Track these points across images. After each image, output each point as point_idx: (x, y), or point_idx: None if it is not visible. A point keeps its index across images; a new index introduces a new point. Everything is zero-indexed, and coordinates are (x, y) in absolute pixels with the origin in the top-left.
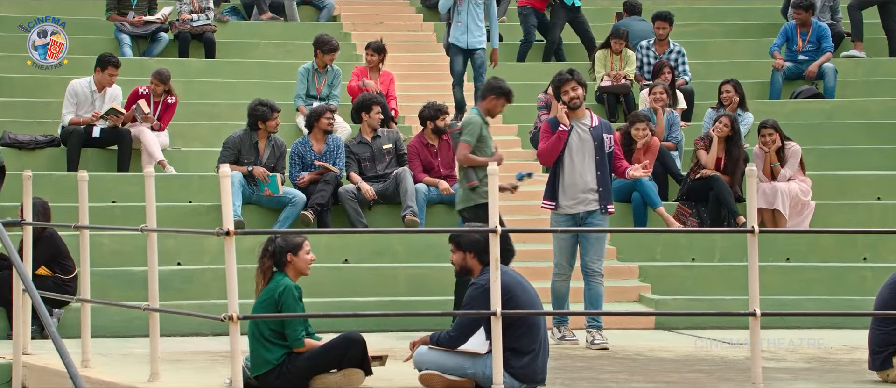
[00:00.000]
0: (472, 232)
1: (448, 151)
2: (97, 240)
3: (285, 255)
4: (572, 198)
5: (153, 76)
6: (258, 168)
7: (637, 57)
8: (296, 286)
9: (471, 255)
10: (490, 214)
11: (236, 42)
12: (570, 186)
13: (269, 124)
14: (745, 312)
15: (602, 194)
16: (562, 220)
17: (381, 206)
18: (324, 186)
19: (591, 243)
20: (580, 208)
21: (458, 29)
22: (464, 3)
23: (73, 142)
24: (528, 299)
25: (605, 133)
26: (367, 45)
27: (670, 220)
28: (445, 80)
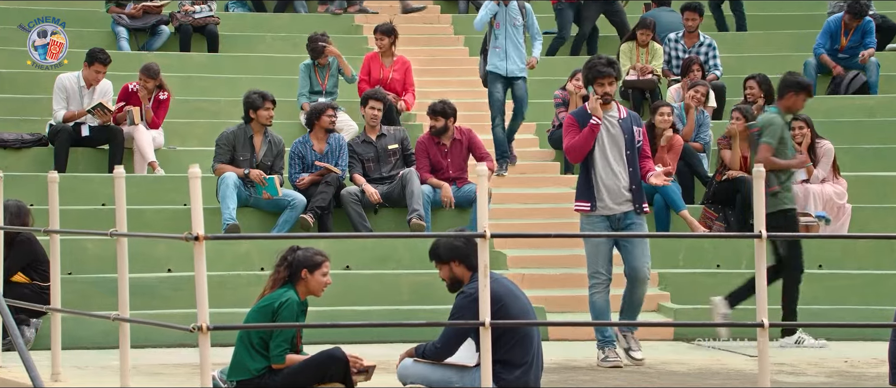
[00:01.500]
0: (449, 239)
1: (460, 151)
2: (80, 245)
3: (301, 270)
4: (611, 198)
5: (141, 72)
6: (255, 171)
7: (665, 50)
8: (300, 302)
9: (455, 263)
10: (479, 216)
11: (241, 35)
12: (607, 186)
13: (261, 115)
14: (753, 323)
15: (635, 193)
16: (597, 223)
17: (387, 209)
18: (325, 188)
19: (635, 245)
20: (618, 209)
21: (496, 55)
22: (502, 26)
23: (62, 141)
24: (519, 309)
25: (635, 126)
26: (376, 28)
27: (695, 224)
28: (463, 75)
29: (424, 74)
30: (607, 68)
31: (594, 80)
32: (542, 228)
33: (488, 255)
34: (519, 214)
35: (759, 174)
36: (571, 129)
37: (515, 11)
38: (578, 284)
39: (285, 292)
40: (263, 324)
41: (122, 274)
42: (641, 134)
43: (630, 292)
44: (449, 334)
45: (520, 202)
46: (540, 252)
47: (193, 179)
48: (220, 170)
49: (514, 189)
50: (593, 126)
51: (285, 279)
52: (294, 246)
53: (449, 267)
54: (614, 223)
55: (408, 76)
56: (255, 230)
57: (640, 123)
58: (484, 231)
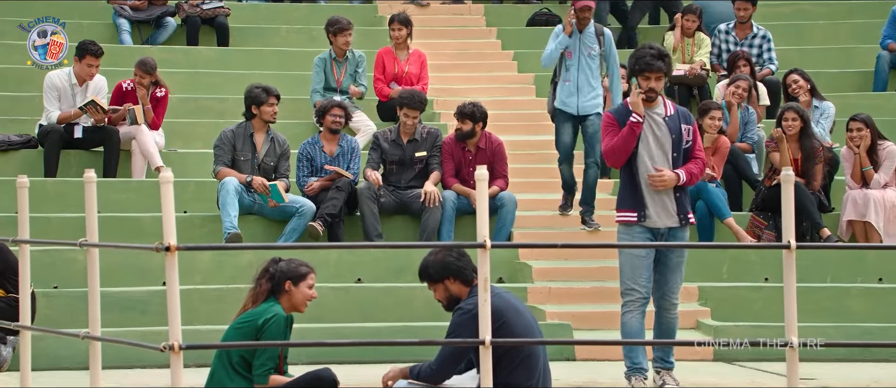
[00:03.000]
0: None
1: (485, 160)
2: (68, 256)
3: (284, 282)
4: (657, 209)
5: (137, 67)
6: (257, 180)
7: (714, 43)
8: (287, 318)
9: (450, 281)
10: (478, 224)
11: (253, 28)
12: (653, 194)
13: (264, 111)
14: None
15: (680, 201)
16: (638, 235)
17: (403, 217)
18: (336, 194)
19: (670, 268)
20: (664, 220)
21: (565, 90)
22: (574, 56)
23: (52, 142)
24: (523, 325)
25: (683, 124)
26: (391, 18)
27: (741, 233)
28: (494, 70)
29: (451, 69)
30: (657, 62)
31: (640, 72)
32: (573, 238)
33: (489, 267)
34: (548, 222)
35: (788, 179)
36: (610, 129)
37: (591, 39)
38: (610, 298)
39: (271, 307)
40: (244, 343)
41: (92, 288)
42: (691, 133)
43: (659, 320)
44: (446, 354)
45: (550, 209)
46: (568, 264)
47: (165, 185)
48: (222, 174)
49: (542, 195)
50: (634, 125)
51: (268, 293)
52: (276, 257)
53: (443, 286)
54: (657, 238)
55: (423, 71)
56: (259, 240)
57: (690, 120)
58: (484, 241)
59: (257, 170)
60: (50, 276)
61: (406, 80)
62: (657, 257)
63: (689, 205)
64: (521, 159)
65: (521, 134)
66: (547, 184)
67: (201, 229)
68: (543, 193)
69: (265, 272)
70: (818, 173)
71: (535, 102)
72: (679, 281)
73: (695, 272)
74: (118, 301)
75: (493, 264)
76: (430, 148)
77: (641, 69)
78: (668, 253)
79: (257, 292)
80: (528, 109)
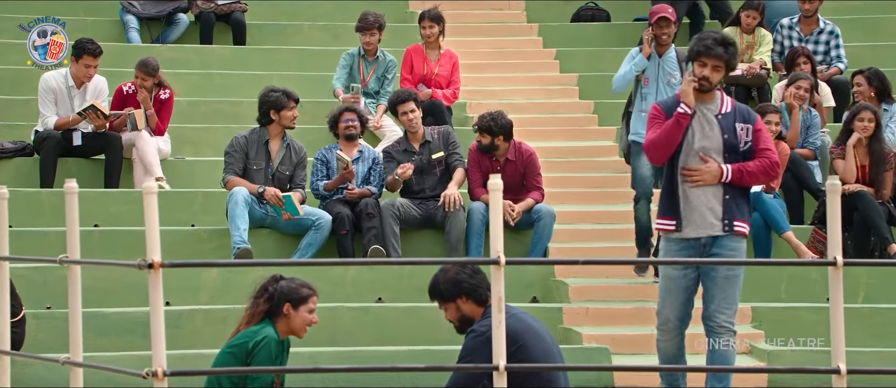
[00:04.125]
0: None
1: (514, 173)
2: (64, 273)
3: (283, 304)
4: (694, 217)
5: (137, 68)
6: (270, 191)
7: (776, 39)
8: (279, 342)
9: (463, 300)
10: (492, 238)
11: (273, 25)
12: (692, 200)
13: (285, 116)
14: (828, 368)
15: (729, 205)
16: (677, 248)
17: (430, 232)
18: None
19: (716, 283)
20: (703, 231)
21: (640, 120)
22: (652, 82)
23: (49, 150)
24: (542, 349)
25: (738, 122)
26: (421, 15)
27: (802, 249)
28: (534, 71)
29: (487, 69)
30: (717, 47)
31: (697, 57)
32: (615, 253)
33: (503, 285)
34: (587, 236)
35: (834, 189)
36: (655, 121)
37: (672, 65)
38: (653, 320)
39: (261, 330)
40: (236, 369)
41: (73, 309)
42: (751, 133)
43: (709, 347)
44: (457, 381)
45: (590, 222)
46: (608, 282)
47: (148, 196)
48: (232, 183)
49: (583, 206)
50: (681, 116)
51: (264, 314)
52: (276, 275)
53: (455, 306)
54: (699, 251)
55: (454, 73)
56: (272, 256)
57: (750, 118)
58: (498, 257)
59: (271, 180)
60: (43, 296)
61: (435, 82)
62: (703, 271)
63: (746, 212)
64: (560, 167)
65: (563, 140)
66: (589, 195)
67: (209, 244)
68: (585, 204)
69: (263, 291)
70: (888, 181)
71: (579, 104)
72: (730, 299)
73: (749, 292)
74: (117, 323)
75: (526, 281)
76: (445, 146)
77: (698, 53)
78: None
79: (253, 313)
80: (571, 113)
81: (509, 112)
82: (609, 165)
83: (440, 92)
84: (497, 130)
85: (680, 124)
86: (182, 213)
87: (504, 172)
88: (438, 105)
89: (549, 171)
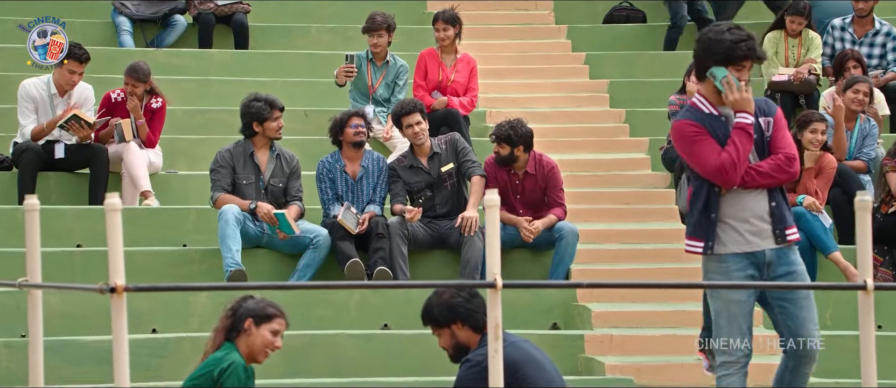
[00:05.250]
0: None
1: (534, 187)
2: (43, 298)
3: (244, 320)
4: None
5: (127, 74)
6: (263, 208)
7: (826, 41)
8: (246, 367)
9: (458, 326)
10: (488, 260)
11: (278, 27)
12: (735, 210)
13: (269, 127)
14: None
15: (776, 213)
16: (734, 267)
17: (441, 252)
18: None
19: (798, 303)
20: (760, 241)
21: None
22: None
23: (28, 163)
24: (545, 381)
25: (761, 118)
26: (435, 16)
27: (850, 271)
28: (563, 77)
29: (510, 74)
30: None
31: (738, 60)
32: (643, 275)
33: (500, 311)
34: (613, 257)
35: (864, 205)
36: (703, 137)
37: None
38: (682, 349)
39: (227, 355)
40: None
41: (34, 336)
42: (770, 126)
43: (793, 375)
44: None
45: (618, 242)
46: (635, 307)
47: (111, 213)
48: (222, 201)
49: (610, 224)
50: (747, 126)
51: (226, 332)
52: (247, 296)
53: (450, 331)
54: (759, 265)
55: (472, 79)
56: (268, 278)
57: (770, 110)
58: (494, 279)
59: (264, 194)
60: (16, 323)
61: (451, 89)
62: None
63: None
64: (587, 182)
65: (590, 152)
66: (617, 212)
67: (201, 265)
68: (613, 222)
69: (233, 312)
70: None
71: (609, 113)
72: (812, 315)
73: None
74: (95, 352)
75: (545, 307)
76: (455, 155)
77: (743, 56)
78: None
79: (219, 332)
80: (600, 122)
81: (532, 122)
82: (640, 179)
83: (456, 100)
84: (517, 140)
85: (751, 136)
86: (173, 232)
87: (523, 186)
88: (454, 114)
89: (573, 185)
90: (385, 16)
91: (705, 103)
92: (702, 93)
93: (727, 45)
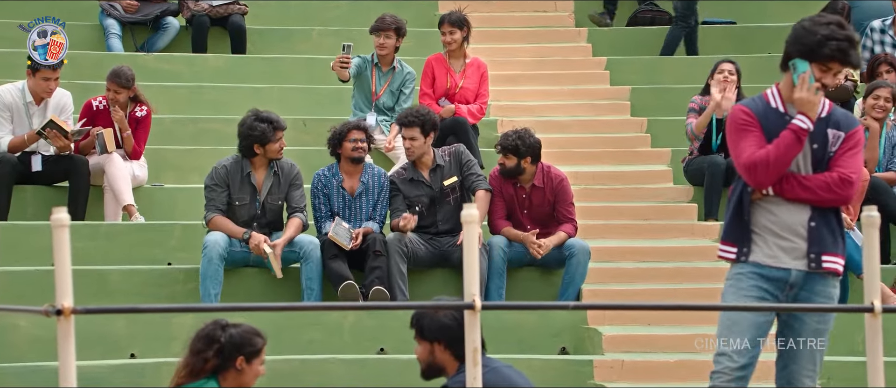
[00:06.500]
0: (441, 310)
1: (542, 202)
2: (10, 321)
3: (236, 358)
4: (777, 243)
5: (109, 80)
6: (255, 239)
7: (865, 45)
8: None
9: (440, 346)
10: (466, 279)
11: (278, 30)
12: (768, 218)
13: (271, 149)
14: None
15: (814, 233)
16: (751, 280)
17: (442, 271)
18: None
19: (802, 335)
20: (788, 259)
21: None
22: None
23: (3, 176)
24: None
25: (831, 128)
26: (442, 18)
27: (886, 292)
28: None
29: (524, 80)
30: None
31: (827, 59)
32: (659, 296)
33: (479, 334)
34: (628, 276)
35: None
36: (748, 129)
37: None
38: (698, 376)
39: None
40: None
41: None
42: (839, 141)
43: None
44: None
45: (635, 259)
46: (649, 330)
47: (58, 229)
48: (215, 224)
49: (626, 241)
50: (801, 132)
51: (212, 370)
52: (221, 321)
53: (431, 348)
54: (782, 286)
55: (482, 85)
56: (257, 299)
57: (846, 125)
58: (472, 300)
59: (261, 213)
60: None
61: (460, 96)
62: (784, 318)
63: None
64: (602, 196)
65: (608, 163)
66: (634, 228)
67: (185, 286)
68: (629, 239)
69: (210, 342)
70: None
71: (630, 122)
72: (816, 360)
73: None
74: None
75: (554, 330)
76: (459, 168)
77: (829, 56)
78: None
79: (198, 370)
80: (620, 132)
81: (547, 131)
82: (660, 193)
83: (465, 108)
84: (524, 151)
85: (800, 141)
86: (157, 249)
87: (530, 200)
88: (462, 123)
89: (588, 199)
90: (396, 18)
91: (776, 96)
92: (779, 84)
93: (817, 39)
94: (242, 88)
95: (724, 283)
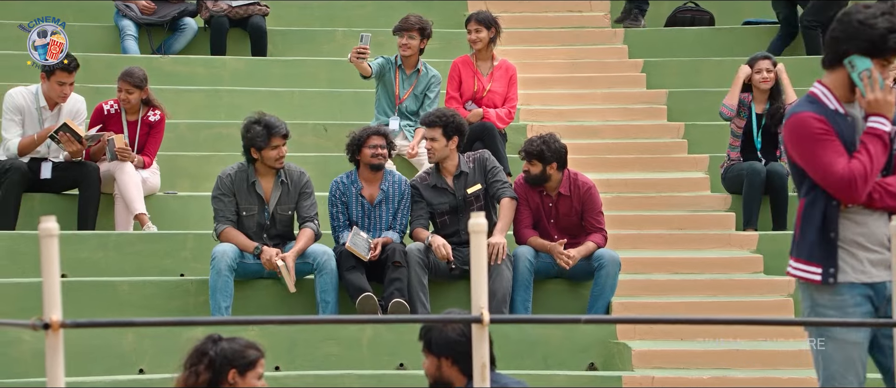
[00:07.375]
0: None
1: (569, 211)
2: (13, 336)
3: (227, 371)
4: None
5: (121, 79)
6: (267, 252)
7: None
8: None
9: (447, 362)
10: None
11: (300, 31)
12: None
13: (267, 156)
14: None
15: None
16: (851, 301)
17: (463, 283)
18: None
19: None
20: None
21: None
22: None
23: (12, 183)
24: None
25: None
26: (469, 17)
27: None
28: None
29: (556, 83)
30: None
31: (890, 53)
32: (693, 309)
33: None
34: (660, 288)
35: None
36: (829, 138)
37: None
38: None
39: None
40: None
41: None
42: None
43: None
44: None
45: (668, 271)
46: (682, 345)
47: (47, 239)
48: (226, 237)
49: (660, 252)
50: (884, 134)
51: (206, 386)
52: (214, 335)
53: (438, 363)
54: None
55: (511, 88)
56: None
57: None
58: (480, 314)
59: (271, 223)
60: None
61: (488, 100)
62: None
63: None
64: (635, 204)
65: (642, 170)
66: (668, 238)
67: (197, 298)
68: (662, 249)
69: (201, 357)
70: None
71: (666, 127)
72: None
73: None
74: None
75: (582, 345)
76: (483, 175)
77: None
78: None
79: (193, 384)
80: (655, 138)
81: (579, 136)
82: (696, 201)
83: (493, 112)
84: (549, 157)
85: (887, 146)
86: (169, 260)
87: (557, 209)
88: (489, 128)
89: (619, 208)
90: (421, 18)
91: (830, 97)
92: (825, 83)
93: (880, 32)
94: (262, 91)
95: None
